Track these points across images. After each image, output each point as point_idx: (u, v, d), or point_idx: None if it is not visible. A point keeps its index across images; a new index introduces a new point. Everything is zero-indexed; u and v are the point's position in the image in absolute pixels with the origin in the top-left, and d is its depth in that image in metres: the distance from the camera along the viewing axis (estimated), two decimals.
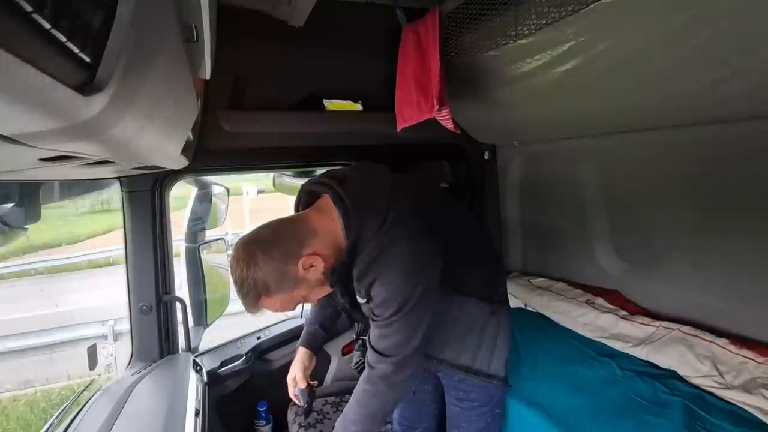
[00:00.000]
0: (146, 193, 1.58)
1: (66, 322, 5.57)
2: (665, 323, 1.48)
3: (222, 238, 2.13)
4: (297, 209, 1.17)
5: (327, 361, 2.09)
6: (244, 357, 1.83)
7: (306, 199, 1.14)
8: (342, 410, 1.82)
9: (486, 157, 2.20)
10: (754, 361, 1.23)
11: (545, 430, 1.25)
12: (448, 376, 1.27)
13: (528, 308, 1.96)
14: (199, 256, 1.79)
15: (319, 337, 1.39)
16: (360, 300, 1.06)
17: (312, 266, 0.99)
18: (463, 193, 2.19)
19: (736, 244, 1.32)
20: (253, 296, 0.99)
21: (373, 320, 1.04)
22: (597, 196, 1.76)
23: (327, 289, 1.07)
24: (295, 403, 1.83)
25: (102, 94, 0.31)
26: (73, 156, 0.50)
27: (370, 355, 1.06)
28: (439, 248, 0.99)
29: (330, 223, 1.02)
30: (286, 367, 1.96)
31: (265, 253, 0.97)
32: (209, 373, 1.68)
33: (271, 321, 2.11)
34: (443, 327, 1.16)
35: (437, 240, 0.99)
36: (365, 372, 1.07)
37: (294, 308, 1.09)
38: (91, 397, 1.33)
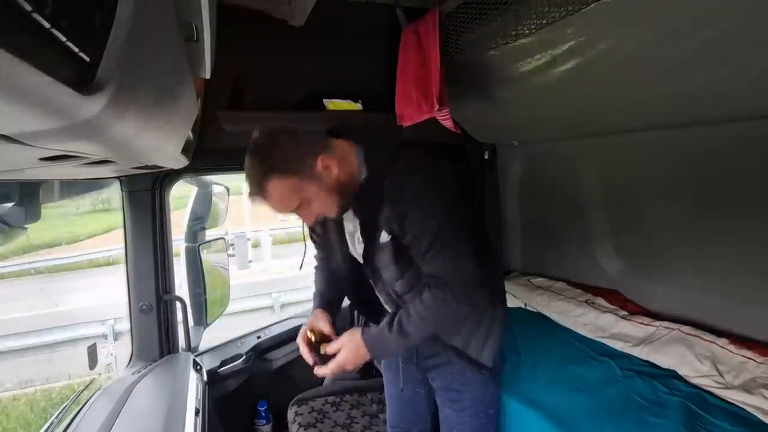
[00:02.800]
0: (146, 193, 1.58)
1: (66, 322, 5.57)
2: (665, 323, 1.48)
3: (222, 238, 2.13)
4: None
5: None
6: (244, 356, 1.84)
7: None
8: (342, 410, 1.84)
9: (486, 157, 2.20)
10: (754, 360, 1.23)
11: (545, 430, 1.25)
12: (440, 377, 1.26)
13: (528, 308, 1.96)
14: (199, 255, 1.79)
15: (328, 302, 1.36)
16: (384, 238, 1.03)
17: (329, 168, 0.98)
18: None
19: (736, 243, 1.32)
20: (265, 170, 0.95)
21: (400, 259, 1.05)
22: (597, 196, 1.76)
23: (333, 205, 1.02)
24: (296, 402, 1.84)
25: (102, 94, 0.31)
26: (73, 155, 0.50)
27: (427, 285, 1.06)
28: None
29: (348, 156, 1.03)
30: (286, 367, 1.98)
31: (291, 136, 0.98)
32: (209, 372, 1.68)
33: (271, 321, 2.11)
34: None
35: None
36: (423, 297, 1.05)
37: (291, 211, 1.00)
38: (91, 397, 1.33)
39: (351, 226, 1.14)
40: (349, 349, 1.10)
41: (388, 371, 1.43)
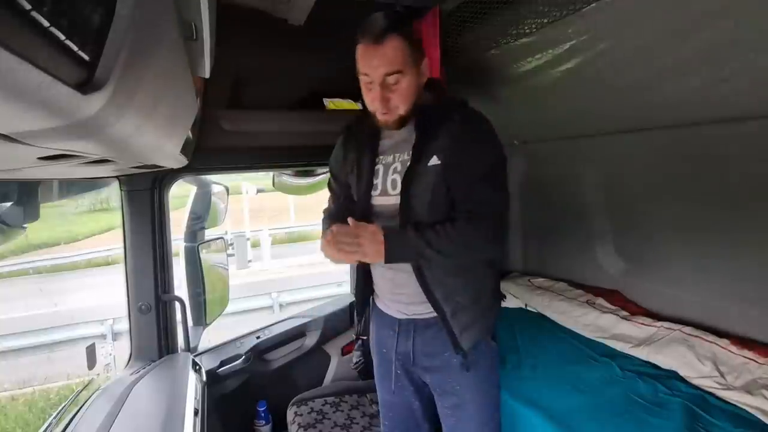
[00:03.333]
0: (145, 192, 1.58)
1: (65, 322, 5.56)
2: (666, 324, 1.48)
3: (221, 238, 2.13)
4: None
5: (327, 361, 2.09)
6: (243, 357, 1.83)
7: None
8: (341, 411, 1.84)
9: None
10: (755, 361, 1.23)
11: (545, 430, 1.25)
12: (442, 382, 1.20)
13: (528, 308, 1.95)
14: (199, 255, 1.78)
15: None
16: (433, 161, 1.05)
17: (424, 73, 1.07)
18: None
19: (736, 244, 1.32)
20: (394, 26, 0.99)
21: (438, 188, 1.05)
22: (597, 196, 1.76)
23: (409, 103, 1.05)
24: (295, 402, 1.83)
25: (101, 93, 0.31)
26: (72, 155, 0.49)
27: (461, 214, 1.05)
28: None
29: (425, 79, 1.10)
30: (285, 367, 1.98)
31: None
32: (208, 372, 1.68)
33: (271, 321, 2.11)
34: (460, 272, 1.13)
35: None
36: (456, 222, 1.03)
37: (390, 71, 1.00)
38: (89, 397, 1.32)
39: (391, 157, 1.14)
40: (366, 228, 1.03)
41: (381, 378, 1.33)
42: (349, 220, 1.05)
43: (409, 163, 1.07)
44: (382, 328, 1.27)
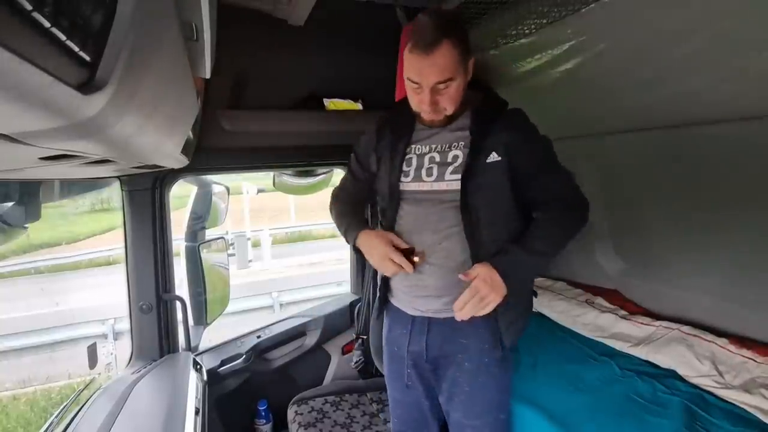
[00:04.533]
0: (146, 192, 1.58)
1: (66, 321, 5.57)
2: (665, 323, 1.48)
3: (222, 237, 2.13)
4: None
5: (327, 360, 2.09)
6: (244, 356, 1.84)
7: None
8: (342, 410, 1.84)
9: None
10: (754, 360, 1.23)
11: (545, 430, 1.25)
12: (452, 378, 1.17)
13: None
14: (199, 255, 1.79)
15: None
16: (493, 158, 1.06)
17: (470, 73, 1.06)
18: None
19: (736, 243, 1.32)
20: (447, 31, 0.96)
21: (501, 183, 1.08)
22: (597, 195, 1.76)
23: (455, 104, 1.06)
24: (296, 402, 1.83)
25: (102, 93, 0.31)
26: (73, 155, 0.50)
27: (553, 204, 1.13)
28: None
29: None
30: (286, 366, 1.98)
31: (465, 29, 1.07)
32: (209, 372, 1.68)
33: (271, 320, 2.12)
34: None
35: None
36: (551, 214, 1.12)
37: (442, 78, 0.99)
38: (91, 396, 1.33)
39: (426, 147, 1.14)
40: (482, 275, 1.01)
41: (391, 376, 1.32)
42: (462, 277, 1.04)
43: (465, 159, 1.08)
44: (395, 327, 1.26)
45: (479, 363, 1.15)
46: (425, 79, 0.99)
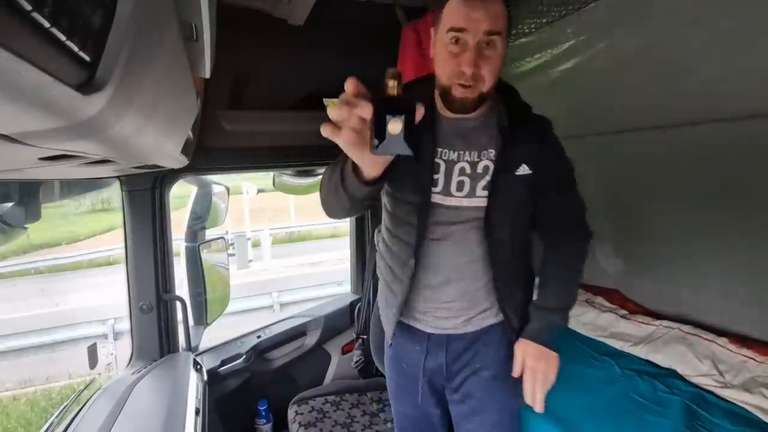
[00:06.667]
0: (146, 192, 1.58)
1: (66, 321, 5.57)
2: (665, 322, 1.48)
3: (222, 237, 2.13)
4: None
5: (327, 360, 2.09)
6: (244, 356, 1.84)
7: None
8: (342, 409, 1.84)
9: None
10: (754, 360, 1.24)
11: (545, 430, 1.25)
12: (468, 389, 1.12)
13: None
14: (199, 255, 1.79)
15: None
16: (523, 171, 0.97)
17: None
18: None
19: (736, 243, 1.32)
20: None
21: (527, 199, 1.01)
22: (597, 195, 1.76)
23: (493, 82, 0.89)
24: (296, 401, 1.83)
25: (101, 93, 0.31)
26: (73, 155, 0.50)
27: (563, 230, 1.08)
28: None
29: None
30: (286, 366, 1.98)
31: None
32: (209, 372, 1.68)
33: (272, 320, 2.12)
34: (527, 285, 1.12)
35: None
36: (560, 249, 1.08)
37: (496, 27, 0.84)
38: (91, 396, 1.33)
39: (455, 155, 0.98)
40: (530, 357, 1.02)
41: (399, 391, 1.23)
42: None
43: (491, 169, 0.97)
44: (406, 344, 1.16)
45: (497, 370, 1.10)
46: (476, 24, 0.83)
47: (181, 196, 1.97)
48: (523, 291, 1.10)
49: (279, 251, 9.72)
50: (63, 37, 0.24)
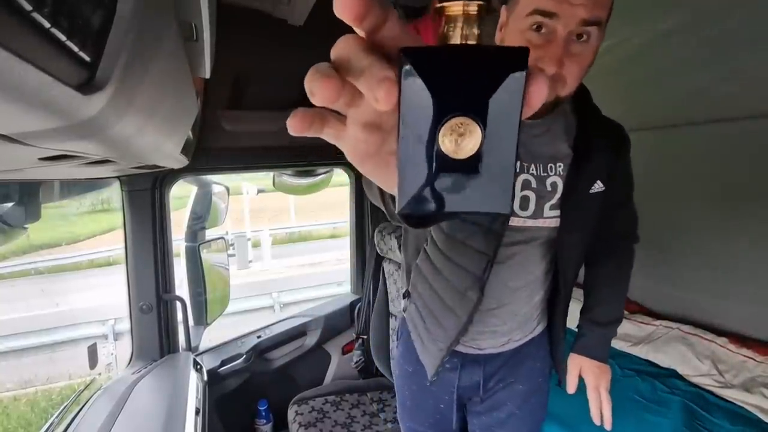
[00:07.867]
0: (146, 193, 1.58)
1: (66, 322, 5.57)
2: (665, 322, 1.49)
3: (222, 238, 2.13)
4: None
5: (327, 360, 2.10)
6: (244, 356, 1.84)
7: None
8: (342, 410, 1.84)
9: None
10: (754, 359, 1.24)
11: (545, 430, 1.25)
12: (495, 402, 1.05)
13: None
14: (199, 255, 1.79)
15: None
16: (596, 188, 0.84)
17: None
18: None
19: (736, 243, 1.32)
20: None
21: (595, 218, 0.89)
22: None
23: (578, 81, 0.75)
24: (296, 402, 1.83)
25: (101, 93, 0.31)
26: (73, 155, 0.50)
27: (617, 238, 1.04)
28: None
29: None
30: (286, 366, 1.98)
31: None
32: (209, 372, 1.68)
33: (272, 320, 2.12)
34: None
35: None
36: (617, 260, 1.03)
37: (598, 13, 0.67)
38: (91, 397, 1.33)
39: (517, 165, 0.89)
40: (589, 374, 0.99)
41: (416, 409, 1.10)
42: None
43: (560, 186, 0.84)
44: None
45: (531, 383, 1.04)
46: (570, 10, 0.65)
47: (181, 196, 1.97)
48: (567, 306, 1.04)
49: (279, 251, 9.72)
50: (63, 37, 0.24)
